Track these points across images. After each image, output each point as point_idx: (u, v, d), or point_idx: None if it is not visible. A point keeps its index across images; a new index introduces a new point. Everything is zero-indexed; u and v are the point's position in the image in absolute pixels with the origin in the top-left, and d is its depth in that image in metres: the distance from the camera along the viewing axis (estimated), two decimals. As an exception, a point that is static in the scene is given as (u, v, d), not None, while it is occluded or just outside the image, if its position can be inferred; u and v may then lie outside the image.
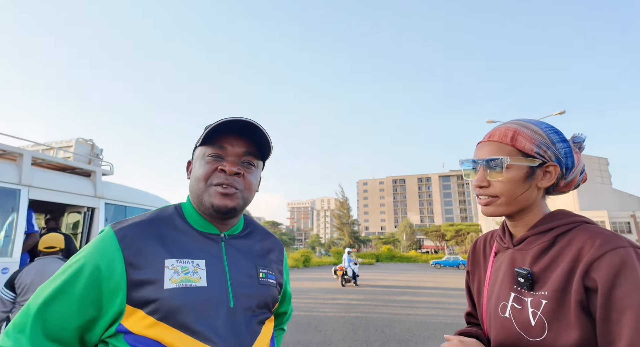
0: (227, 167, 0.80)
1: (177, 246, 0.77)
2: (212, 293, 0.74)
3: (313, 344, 5.26)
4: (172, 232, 0.80)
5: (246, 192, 0.84)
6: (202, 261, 0.77)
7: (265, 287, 0.84)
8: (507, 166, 0.75)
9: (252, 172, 0.86)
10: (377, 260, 47.46)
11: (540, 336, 0.67)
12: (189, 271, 0.74)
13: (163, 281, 0.71)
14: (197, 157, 0.85)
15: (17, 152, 3.70)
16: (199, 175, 0.82)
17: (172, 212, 0.85)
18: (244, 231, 0.92)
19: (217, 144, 0.82)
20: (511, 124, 0.80)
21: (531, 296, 0.70)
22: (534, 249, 0.75)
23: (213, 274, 0.77)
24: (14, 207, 3.51)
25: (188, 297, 0.71)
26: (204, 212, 0.83)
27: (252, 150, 0.86)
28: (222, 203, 0.79)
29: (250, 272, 0.83)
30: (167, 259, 0.74)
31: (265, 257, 0.91)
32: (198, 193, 0.82)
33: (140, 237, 0.75)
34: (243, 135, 0.84)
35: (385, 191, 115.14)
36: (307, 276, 20.48)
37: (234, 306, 0.76)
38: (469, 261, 0.96)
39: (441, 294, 11.59)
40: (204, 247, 0.80)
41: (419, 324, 6.73)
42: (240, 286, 0.79)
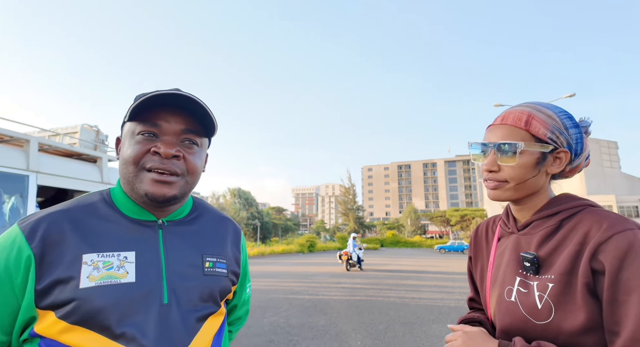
0: (162, 149, 0.68)
1: (100, 237, 0.67)
2: (141, 289, 0.65)
3: (319, 326, 5.38)
4: (95, 221, 0.69)
5: (189, 177, 0.73)
6: (132, 253, 0.68)
7: (212, 278, 0.74)
8: (520, 151, 0.73)
9: (195, 153, 0.74)
10: (381, 245, 47.93)
11: (547, 319, 0.67)
12: (112, 266, 0.65)
13: (79, 280, 0.62)
14: (126, 135, 0.72)
15: (23, 138, 3.73)
16: (128, 157, 0.70)
17: (97, 198, 0.74)
18: (190, 215, 0.81)
19: (150, 121, 0.70)
20: (525, 107, 0.77)
21: (537, 279, 0.70)
22: (540, 233, 0.74)
23: (144, 267, 0.67)
24: (22, 192, 3.56)
25: (110, 296, 0.63)
26: (137, 199, 0.73)
27: (193, 127, 0.73)
28: (159, 192, 0.69)
29: (194, 261, 0.73)
30: (85, 253, 0.64)
31: (216, 243, 0.80)
32: (128, 178, 0.70)
33: (52, 230, 0.65)
34: (181, 110, 0.72)
35: (390, 177, 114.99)
36: (312, 261, 20.79)
37: (168, 301, 0.67)
38: (471, 246, 0.95)
39: (445, 279, 11.71)
40: (136, 236, 0.70)
41: (424, 307, 6.83)
42: (179, 278, 0.70)
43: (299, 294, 8.35)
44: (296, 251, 31.65)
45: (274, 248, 30.99)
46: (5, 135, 3.69)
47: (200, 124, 0.75)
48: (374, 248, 41.38)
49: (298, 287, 9.58)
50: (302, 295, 8.17)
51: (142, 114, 0.70)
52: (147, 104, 0.69)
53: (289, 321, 5.68)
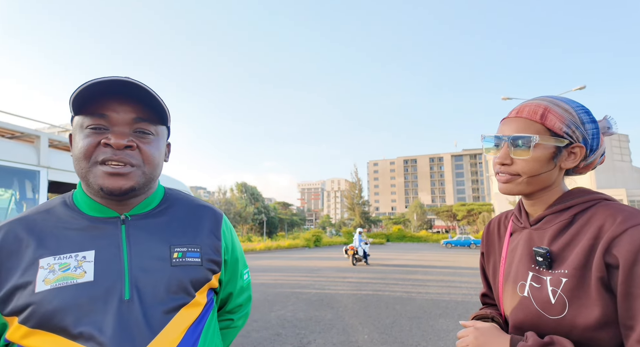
0: (113, 140, 0.66)
1: (57, 240, 0.67)
2: (99, 287, 0.65)
3: (326, 320, 5.42)
4: (53, 225, 0.69)
5: (146, 167, 0.71)
6: (91, 252, 0.67)
7: (180, 269, 0.72)
8: (534, 145, 0.72)
9: (150, 142, 0.72)
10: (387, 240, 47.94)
11: (561, 314, 0.66)
12: (69, 267, 0.65)
13: (35, 284, 0.62)
14: (75, 130, 0.70)
15: (34, 134, 3.78)
16: (79, 152, 0.67)
17: (58, 202, 0.74)
18: (159, 207, 0.78)
19: (97, 112, 0.67)
20: (541, 101, 0.76)
21: (550, 274, 0.70)
22: (552, 228, 0.73)
23: (103, 265, 0.67)
24: (34, 188, 3.62)
25: (65, 297, 0.62)
26: (95, 195, 0.71)
27: (145, 115, 0.71)
28: (115, 185, 0.67)
29: (160, 253, 0.71)
30: (42, 258, 0.65)
31: (186, 233, 0.77)
32: (82, 174, 0.69)
33: (9, 239, 0.66)
34: (130, 99, 0.69)
35: (396, 172, 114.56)
36: (318, 255, 20.88)
37: (130, 297, 0.65)
38: (483, 242, 0.95)
39: (452, 273, 11.69)
40: (95, 235, 0.69)
41: (430, 302, 6.84)
42: (142, 273, 0.68)
43: (306, 288, 8.41)
44: (302, 246, 31.82)
45: (280, 243, 31.17)
46: (17, 132, 3.74)
47: (154, 112, 0.73)
48: (380, 243, 41.40)
49: (304, 281, 9.64)
50: (308, 289, 8.22)
51: (88, 106, 0.68)
52: (92, 94, 0.67)
53: (296, 314, 5.73)
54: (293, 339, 4.48)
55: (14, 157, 3.46)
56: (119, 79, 0.66)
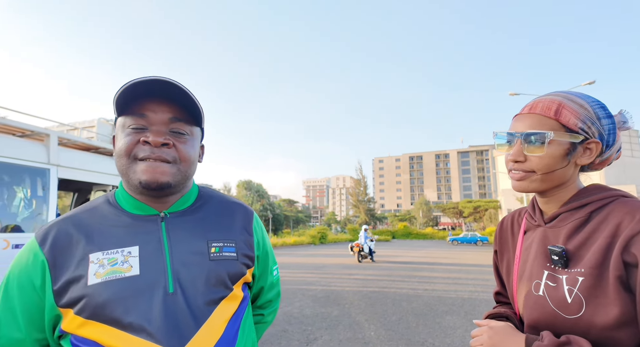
0: (151, 138, 0.70)
1: (104, 236, 0.72)
2: (145, 280, 0.68)
3: (332, 316, 5.44)
4: (99, 223, 0.74)
5: (181, 164, 0.75)
6: (135, 247, 0.71)
7: (218, 263, 0.75)
8: (549, 141, 0.71)
9: (186, 141, 0.76)
10: (393, 237, 47.83)
11: (577, 313, 0.65)
12: (117, 262, 0.69)
13: (87, 277, 0.67)
14: (118, 130, 0.75)
15: (44, 132, 3.82)
16: (120, 150, 0.72)
17: (102, 201, 0.79)
18: (195, 205, 0.82)
19: (137, 113, 0.72)
20: (555, 96, 0.74)
21: (566, 273, 0.68)
22: (568, 226, 0.72)
23: (147, 260, 0.70)
24: (45, 185, 3.67)
25: (115, 289, 0.66)
26: (134, 191, 0.75)
27: (181, 115, 0.75)
28: (152, 178, 0.70)
29: (198, 248, 0.75)
30: (91, 253, 0.69)
31: (222, 229, 0.81)
32: (123, 171, 0.73)
33: (60, 236, 0.71)
34: (167, 100, 0.74)
35: (401, 168, 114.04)
36: (323, 252, 20.92)
37: (174, 290, 0.69)
38: (496, 240, 0.93)
39: (458, 270, 11.64)
40: (138, 231, 0.73)
41: (437, 298, 6.82)
42: (183, 267, 0.72)
43: (312, 285, 8.44)
44: (307, 243, 31.91)
45: (286, 240, 31.32)
46: (27, 130, 3.79)
47: (188, 113, 0.76)
48: (385, 240, 41.36)
49: (310, 278, 9.67)
50: (314, 286, 8.25)
51: (129, 107, 0.72)
52: (133, 96, 0.71)
53: (302, 311, 5.75)
54: (300, 335, 4.50)
55: (24, 155, 3.51)
56: (160, 79, 0.70)
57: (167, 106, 0.74)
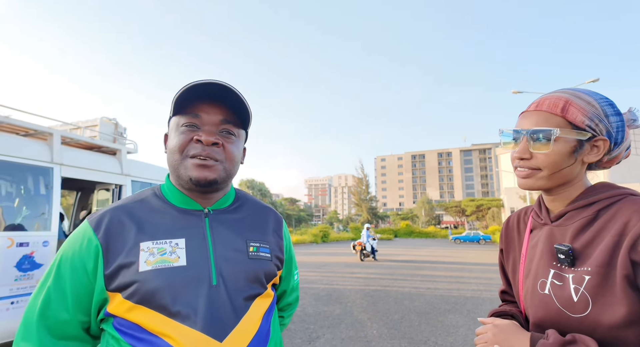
0: (203, 137, 0.75)
1: (153, 227, 0.75)
2: (192, 272, 0.72)
3: (334, 315, 5.44)
4: (148, 213, 0.77)
5: (228, 163, 0.79)
6: (182, 239, 0.75)
7: (256, 262, 0.79)
8: (555, 139, 0.70)
9: (233, 142, 0.80)
10: (395, 235, 47.81)
11: (584, 312, 0.64)
12: (166, 252, 0.72)
13: (138, 264, 0.70)
14: (172, 128, 0.80)
15: (47, 131, 3.84)
16: (174, 147, 0.77)
17: (150, 193, 0.83)
18: (234, 205, 0.87)
19: (192, 113, 0.77)
20: (562, 93, 0.73)
21: (573, 272, 0.68)
22: (575, 225, 0.71)
23: (193, 252, 0.74)
24: (48, 184, 3.69)
25: (164, 278, 0.69)
26: (183, 186, 0.79)
27: (231, 118, 0.80)
28: (201, 175, 0.75)
29: (238, 246, 0.79)
30: (142, 242, 0.72)
31: (258, 230, 0.86)
32: (174, 166, 0.78)
33: (114, 223, 0.74)
34: (219, 102, 0.78)
35: (403, 167, 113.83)
36: (326, 251, 20.94)
37: (217, 283, 0.72)
38: (501, 239, 0.92)
39: (461, 269, 11.63)
40: (185, 225, 0.77)
41: (439, 297, 6.81)
42: (225, 262, 0.75)
43: (314, 283, 8.45)
44: (310, 241, 31.93)
45: (288, 238, 31.23)
46: (30, 129, 3.81)
47: (237, 116, 0.81)
48: (387, 238, 41.33)
49: (313, 276, 9.68)
50: (317, 284, 8.26)
51: (184, 108, 0.77)
52: (188, 97, 0.76)
53: (304, 309, 5.76)
54: (302, 333, 4.51)
55: (28, 154, 3.52)
56: (219, 83, 0.75)
57: (219, 108, 0.78)
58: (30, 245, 3.37)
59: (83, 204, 5.89)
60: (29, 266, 3.33)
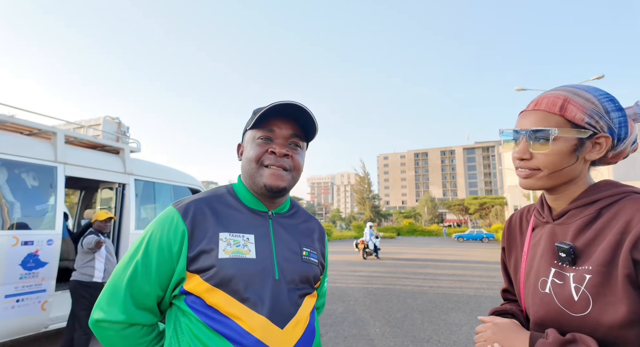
0: (277, 149, 0.86)
1: (230, 221, 0.85)
2: (260, 265, 0.81)
3: (337, 313, 5.45)
4: (225, 208, 0.87)
5: (295, 172, 0.90)
6: (252, 235, 0.84)
7: (308, 265, 0.89)
8: (554, 138, 0.69)
9: (299, 153, 0.91)
10: (398, 234, 47.73)
11: (584, 311, 0.64)
12: (240, 244, 0.81)
13: (218, 251, 0.79)
14: (248, 140, 0.91)
15: (51, 131, 3.86)
16: (251, 156, 0.87)
17: (225, 191, 0.92)
18: (290, 211, 0.97)
19: (267, 127, 0.87)
20: (561, 91, 0.72)
21: (574, 271, 0.67)
22: (576, 223, 0.70)
23: (261, 248, 0.83)
24: (52, 183, 3.71)
25: (239, 267, 0.78)
26: (256, 191, 0.89)
27: (299, 132, 0.90)
28: (274, 183, 0.85)
29: (295, 249, 0.89)
30: (221, 232, 0.81)
31: (308, 237, 0.96)
32: (251, 173, 0.88)
33: (198, 212, 0.83)
34: (290, 118, 0.89)
35: (406, 165, 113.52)
36: (329, 249, 20.91)
37: (279, 277, 0.82)
38: (504, 237, 0.92)
39: (464, 267, 11.60)
40: (253, 223, 0.87)
41: (442, 296, 6.81)
42: (285, 261, 0.85)
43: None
44: (313, 240, 31.85)
45: (291, 236, 31.21)
46: (34, 128, 3.83)
47: (303, 130, 0.91)
48: (390, 237, 41.28)
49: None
50: (319, 282, 8.26)
51: (260, 123, 0.88)
52: (265, 113, 0.85)
53: (307, 307, 5.77)
54: (305, 331, 4.52)
55: (32, 153, 3.54)
56: (295, 103, 0.84)
57: (290, 124, 0.89)
58: (35, 243, 3.39)
59: (87, 203, 5.92)
60: (34, 264, 3.35)
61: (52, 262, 3.51)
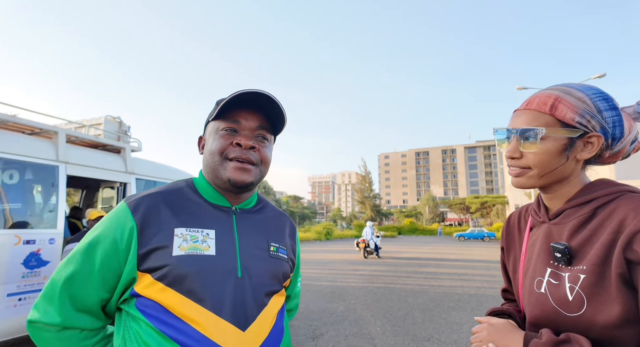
0: (242, 141, 0.79)
1: (188, 215, 0.78)
2: (220, 262, 0.75)
3: (338, 312, 5.46)
4: (183, 203, 0.80)
5: (262, 166, 0.84)
6: (212, 231, 0.78)
7: (276, 261, 0.84)
8: (541, 138, 0.70)
9: (266, 146, 0.85)
10: (399, 233, 47.70)
11: (578, 311, 0.64)
12: (198, 240, 0.75)
13: (172, 248, 0.72)
14: (211, 132, 0.84)
15: (52, 130, 3.87)
16: (214, 149, 0.81)
17: (184, 185, 0.86)
18: (257, 206, 0.92)
19: (231, 118, 0.81)
20: (553, 91, 0.72)
21: (569, 271, 0.67)
22: (572, 223, 0.71)
23: (222, 244, 0.77)
24: (54, 182, 3.72)
25: (196, 264, 0.72)
26: (220, 186, 0.83)
27: (266, 124, 0.85)
28: (240, 178, 0.80)
29: (261, 244, 0.84)
30: (176, 227, 0.75)
31: (277, 232, 0.91)
32: (213, 167, 0.81)
33: (151, 207, 0.77)
34: (257, 110, 0.83)
35: (407, 164, 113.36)
36: (329, 248, 20.96)
37: (242, 275, 0.76)
38: (503, 236, 0.92)
39: (465, 266, 11.59)
40: (215, 218, 0.81)
41: (443, 294, 6.81)
42: (250, 258, 0.79)
43: (318, 280, 8.47)
44: (313, 239, 31.98)
45: (292, 236, 31.24)
46: (36, 128, 3.84)
47: (271, 122, 0.86)
48: (391, 236, 41.28)
49: (316, 274, 9.71)
50: (320, 281, 8.28)
51: (224, 114, 0.81)
52: (230, 104, 0.79)
53: (308, 306, 5.79)
54: (306, 330, 4.53)
55: (34, 152, 3.55)
56: (262, 92, 0.79)
57: (256, 115, 0.83)
58: (37, 242, 3.41)
59: (88, 202, 5.94)
60: (36, 263, 3.37)
61: (53, 261, 3.53)
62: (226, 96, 0.81)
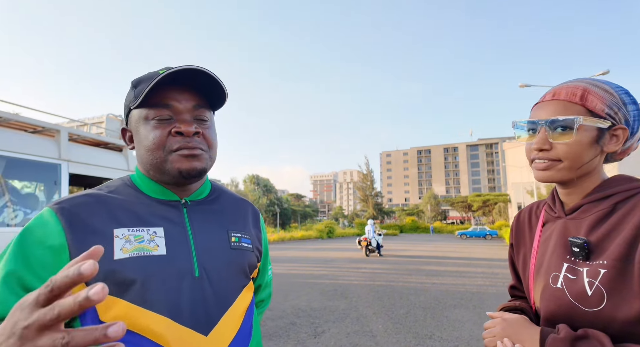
0: (183, 129, 0.68)
1: (127, 214, 0.68)
2: (173, 262, 0.66)
3: (340, 309, 5.47)
4: (121, 201, 0.70)
5: (211, 151, 0.75)
6: (160, 228, 0.69)
7: (239, 252, 0.76)
8: (578, 127, 0.68)
9: (208, 127, 0.74)
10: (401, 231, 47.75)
11: (598, 306, 0.63)
12: (143, 240, 0.66)
13: (113, 252, 0.62)
14: (137, 122, 0.71)
15: (54, 128, 3.87)
16: (151, 145, 0.69)
17: (119, 183, 0.75)
18: (211, 196, 0.82)
19: (160, 103, 0.69)
20: (579, 82, 0.72)
21: (587, 265, 0.66)
22: (590, 218, 0.69)
23: (173, 242, 0.68)
24: (56, 180, 3.73)
25: (144, 267, 0.63)
26: (167, 181, 0.73)
27: (202, 102, 0.73)
28: (190, 166, 0.69)
29: (220, 237, 0.75)
30: (116, 228, 0.65)
31: (237, 221, 0.82)
32: (156, 164, 0.70)
33: (82, 209, 0.65)
34: (187, 86, 0.71)
35: (409, 162, 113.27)
36: (331, 246, 20.99)
37: (199, 274, 0.68)
38: (512, 233, 0.91)
39: (467, 264, 11.58)
40: (162, 214, 0.71)
41: (445, 292, 6.80)
42: (207, 253, 0.71)
43: (320, 278, 8.49)
44: (315, 237, 32.06)
45: (294, 234, 31.50)
46: (38, 126, 3.85)
47: (207, 99, 0.75)
48: (393, 234, 41.32)
49: (318, 271, 9.73)
50: (322, 279, 8.29)
51: (149, 98, 0.68)
52: (155, 85, 0.67)
53: (310, 304, 5.80)
54: (308, 327, 4.54)
55: (36, 151, 3.56)
56: (194, 68, 0.68)
57: (189, 93, 0.71)
58: (40, 240, 3.42)
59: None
60: (39, 261, 3.38)
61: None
62: (143, 77, 0.70)
